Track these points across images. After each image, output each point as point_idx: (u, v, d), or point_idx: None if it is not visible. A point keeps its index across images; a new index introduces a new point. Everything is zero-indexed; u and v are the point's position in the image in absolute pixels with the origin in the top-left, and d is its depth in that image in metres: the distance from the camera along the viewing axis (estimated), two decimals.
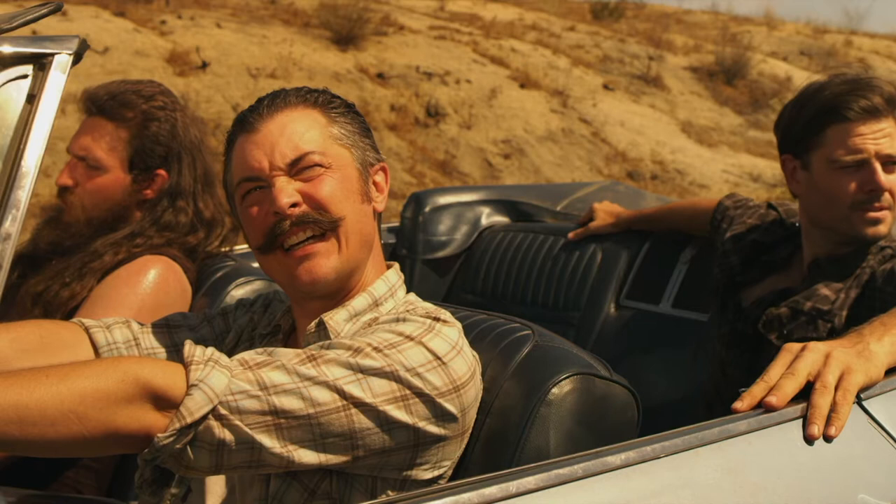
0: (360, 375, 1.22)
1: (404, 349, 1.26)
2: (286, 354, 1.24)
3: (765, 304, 2.01)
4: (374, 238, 1.46)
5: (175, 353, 1.49)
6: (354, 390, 1.22)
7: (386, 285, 1.45)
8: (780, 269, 2.10)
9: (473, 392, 1.33)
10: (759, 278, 2.11)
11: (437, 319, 1.33)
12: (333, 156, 1.40)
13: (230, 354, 1.46)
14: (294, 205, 1.36)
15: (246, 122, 1.42)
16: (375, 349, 1.24)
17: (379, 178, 1.47)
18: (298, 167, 1.37)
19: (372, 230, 1.44)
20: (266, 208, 1.37)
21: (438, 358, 1.27)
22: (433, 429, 1.27)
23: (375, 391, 1.23)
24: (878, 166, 1.91)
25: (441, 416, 1.27)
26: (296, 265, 1.36)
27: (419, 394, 1.25)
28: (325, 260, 1.37)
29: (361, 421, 1.22)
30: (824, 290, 1.93)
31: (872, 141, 1.91)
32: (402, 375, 1.24)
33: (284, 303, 1.55)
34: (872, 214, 1.93)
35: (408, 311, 1.38)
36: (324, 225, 1.37)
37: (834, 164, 1.94)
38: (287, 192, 1.36)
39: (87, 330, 1.48)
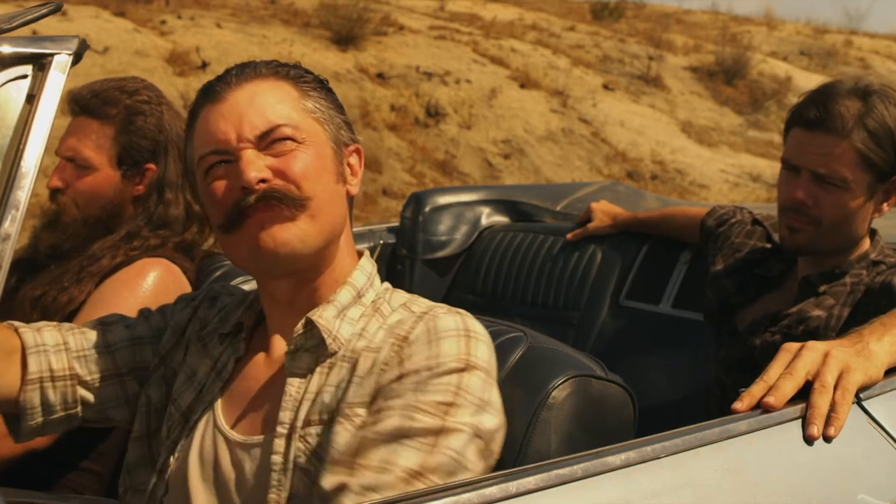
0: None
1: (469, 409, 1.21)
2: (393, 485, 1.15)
3: (759, 329, 1.98)
4: (346, 221, 1.36)
5: (108, 354, 1.42)
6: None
7: (364, 275, 1.37)
8: (774, 287, 2.07)
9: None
10: (753, 298, 2.08)
11: (469, 366, 1.24)
12: (307, 130, 1.30)
13: (168, 356, 1.42)
14: (262, 180, 1.25)
15: (212, 90, 1.31)
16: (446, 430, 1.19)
17: (353, 160, 1.38)
18: (269, 140, 1.28)
19: (344, 212, 1.35)
20: (231, 183, 1.27)
21: (488, 402, 1.24)
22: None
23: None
24: (807, 179, 1.87)
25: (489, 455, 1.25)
26: (257, 231, 1.25)
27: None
28: (289, 224, 1.26)
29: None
30: (815, 311, 1.90)
31: (810, 153, 1.87)
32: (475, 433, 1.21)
33: (235, 295, 1.47)
34: (791, 222, 1.92)
35: (404, 305, 1.34)
36: (291, 202, 1.26)
37: (783, 164, 1.93)
38: (256, 165, 1.25)
39: (16, 329, 1.39)
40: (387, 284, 1.40)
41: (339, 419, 1.22)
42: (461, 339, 1.24)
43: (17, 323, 1.41)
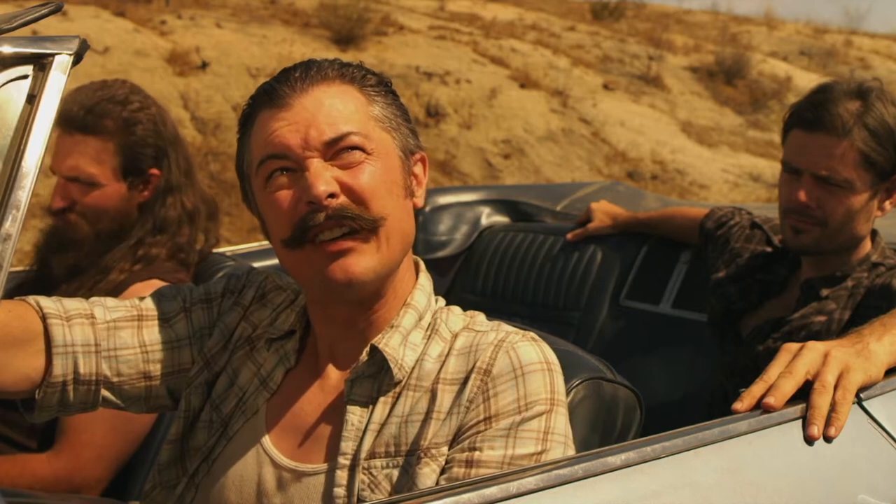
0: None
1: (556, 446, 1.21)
2: None
3: (763, 335, 1.98)
4: (413, 238, 1.29)
5: (140, 356, 1.32)
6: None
7: (424, 296, 1.31)
8: (777, 293, 2.07)
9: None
10: (756, 304, 2.08)
11: (554, 405, 1.22)
12: (376, 140, 1.23)
13: (213, 359, 1.34)
14: (331, 195, 1.18)
15: (274, 94, 1.22)
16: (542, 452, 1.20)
17: (418, 169, 1.30)
18: (336, 149, 1.20)
19: (412, 229, 1.28)
20: (297, 196, 1.19)
21: (567, 436, 1.24)
22: None
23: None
24: (808, 181, 1.87)
25: None
26: (329, 262, 1.19)
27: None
28: (361, 258, 1.19)
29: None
30: (817, 318, 1.91)
31: (810, 155, 1.87)
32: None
33: (284, 289, 1.39)
34: (796, 224, 1.92)
35: (466, 327, 1.28)
36: (363, 223, 1.19)
37: (783, 166, 1.94)
38: (324, 178, 1.18)
39: (43, 319, 1.26)
40: (441, 302, 1.34)
41: (423, 459, 1.18)
42: (545, 374, 1.21)
43: (43, 302, 1.28)
